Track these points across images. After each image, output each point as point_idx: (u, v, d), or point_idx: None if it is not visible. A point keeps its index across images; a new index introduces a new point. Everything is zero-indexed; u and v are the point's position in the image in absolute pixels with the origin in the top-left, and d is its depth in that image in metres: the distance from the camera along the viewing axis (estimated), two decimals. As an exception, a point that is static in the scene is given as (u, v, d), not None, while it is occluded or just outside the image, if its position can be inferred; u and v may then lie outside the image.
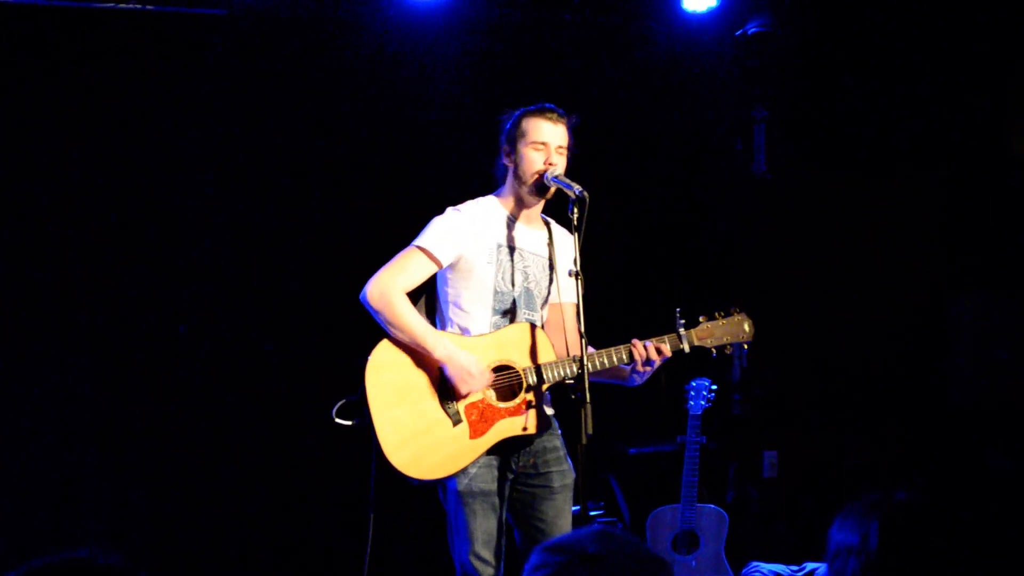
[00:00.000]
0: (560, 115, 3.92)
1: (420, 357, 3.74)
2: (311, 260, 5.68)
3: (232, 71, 5.56)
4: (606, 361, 3.81)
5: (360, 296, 3.78)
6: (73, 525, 5.29)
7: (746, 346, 4.03)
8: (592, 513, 5.60)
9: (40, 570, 1.85)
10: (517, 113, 3.95)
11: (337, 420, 3.70)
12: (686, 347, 3.90)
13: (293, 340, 5.62)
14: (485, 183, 4.06)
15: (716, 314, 3.99)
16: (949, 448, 6.38)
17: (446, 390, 3.73)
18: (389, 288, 3.74)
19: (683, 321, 3.90)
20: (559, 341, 3.93)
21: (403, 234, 3.90)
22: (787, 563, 5.12)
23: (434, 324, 3.91)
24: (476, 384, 3.70)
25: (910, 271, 6.57)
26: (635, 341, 3.83)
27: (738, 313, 4.01)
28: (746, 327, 4.01)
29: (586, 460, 3.59)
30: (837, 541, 2.23)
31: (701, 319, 3.96)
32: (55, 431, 5.32)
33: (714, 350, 3.97)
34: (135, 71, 5.44)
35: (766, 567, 5.10)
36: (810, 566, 4.99)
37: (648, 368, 3.84)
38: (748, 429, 6.46)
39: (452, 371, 3.70)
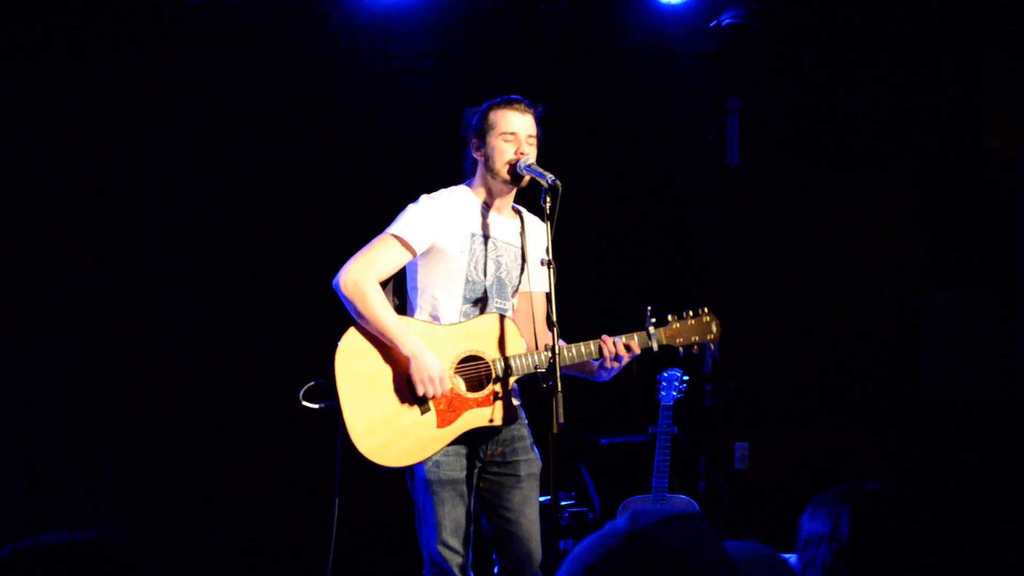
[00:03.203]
0: (527, 105, 3.92)
1: (389, 345, 3.73)
2: (282, 245, 5.65)
3: (206, 60, 5.52)
4: (575, 355, 3.82)
5: (333, 283, 3.76)
6: (40, 513, 5.25)
7: (713, 346, 4.05)
8: (563, 503, 5.60)
9: (27, 552, 1.84)
10: (483, 107, 3.94)
11: (304, 403, 3.68)
12: (655, 345, 3.91)
13: (261, 324, 5.59)
14: (458, 171, 4.04)
15: (685, 313, 3.99)
16: (920, 441, 6.42)
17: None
18: (362, 277, 3.72)
19: (653, 319, 3.90)
20: (528, 330, 3.92)
21: (376, 220, 3.88)
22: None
23: (404, 310, 3.90)
24: (433, 390, 3.68)
25: (883, 266, 6.60)
26: (604, 337, 3.83)
27: (707, 314, 4.01)
28: (714, 327, 4.01)
29: (557, 450, 3.58)
30: (808, 530, 2.23)
31: (670, 318, 3.97)
32: (25, 419, 5.28)
33: (682, 349, 3.98)
34: (108, 58, 5.39)
35: (736, 558, 5.10)
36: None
37: (616, 364, 3.84)
38: (720, 420, 6.47)
39: (414, 371, 3.68)
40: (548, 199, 3.66)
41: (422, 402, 3.71)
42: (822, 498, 2.25)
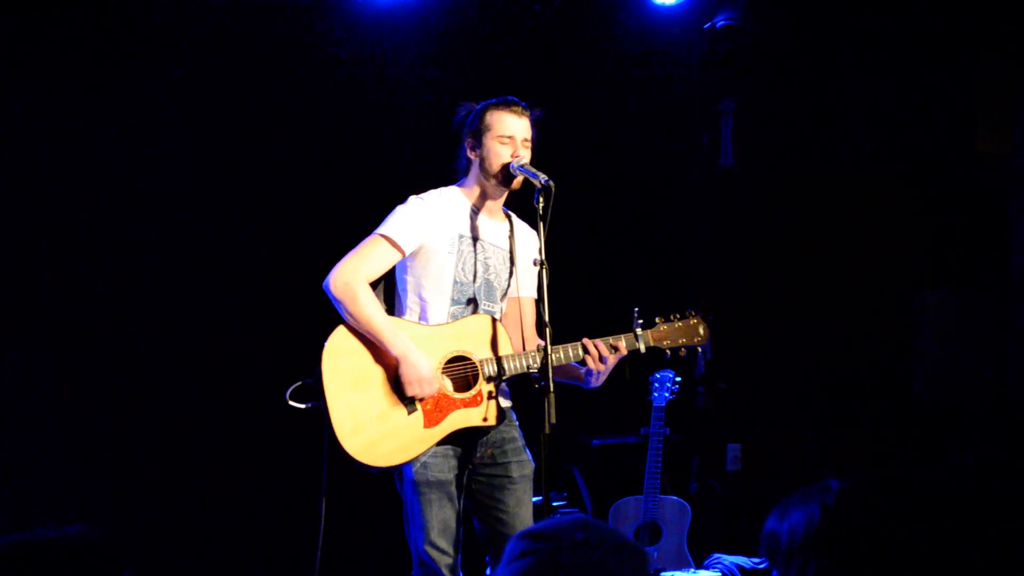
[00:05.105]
0: (524, 108, 3.92)
1: (377, 345, 3.73)
2: (272, 245, 5.64)
3: (194, 58, 5.51)
4: (562, 356, 3.82)
5: (323, 284, 3.76)
6: (30, 513, 5.24)
7: (701, 349, 4.07)
8: (555, 504, 5.60)
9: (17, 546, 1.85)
10: (479, 107, 3.95)
11: (291, 403, 3.68)
12: (642, 347, 3.93)
13: (250, 324, 5.58)
14: (449, 172, 4.05)
15: (672, 316, 4.02)
16: (912, 442, 6.43)
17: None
18: (353, 278, 3.72)
19: (640, 321, 3.92)
20: (516, 335, 3.93)
21: (366, 221, 3.88)
22: (748, 555, 5.15)
23: (393, 311, 3.91)
24: (423, 390, 3.68)
25: (875, 267, 6.61)
26: (586, 340, 3.84)
27: (694, 316, 4.05)
28: (701, 330, 4.04)
29: (549, 451, 3.58)
30: (785, 542, 2.18)
31: (658, 320, 3.99)
32: (15, 417, 5.28)
33: (669, 352, 4.00)
34: (94, 55, 5.38)
35: (728, 559, 5.12)
36: (771, 558, 5.01)
37: (603, 366, 3.84)
38: (712, 422, 6.49)
39: (403, 371, 3.68)
40: (541, 200, 3.66)
41: (409, 402, 3.70)
42: (794, 502, 2.21)
